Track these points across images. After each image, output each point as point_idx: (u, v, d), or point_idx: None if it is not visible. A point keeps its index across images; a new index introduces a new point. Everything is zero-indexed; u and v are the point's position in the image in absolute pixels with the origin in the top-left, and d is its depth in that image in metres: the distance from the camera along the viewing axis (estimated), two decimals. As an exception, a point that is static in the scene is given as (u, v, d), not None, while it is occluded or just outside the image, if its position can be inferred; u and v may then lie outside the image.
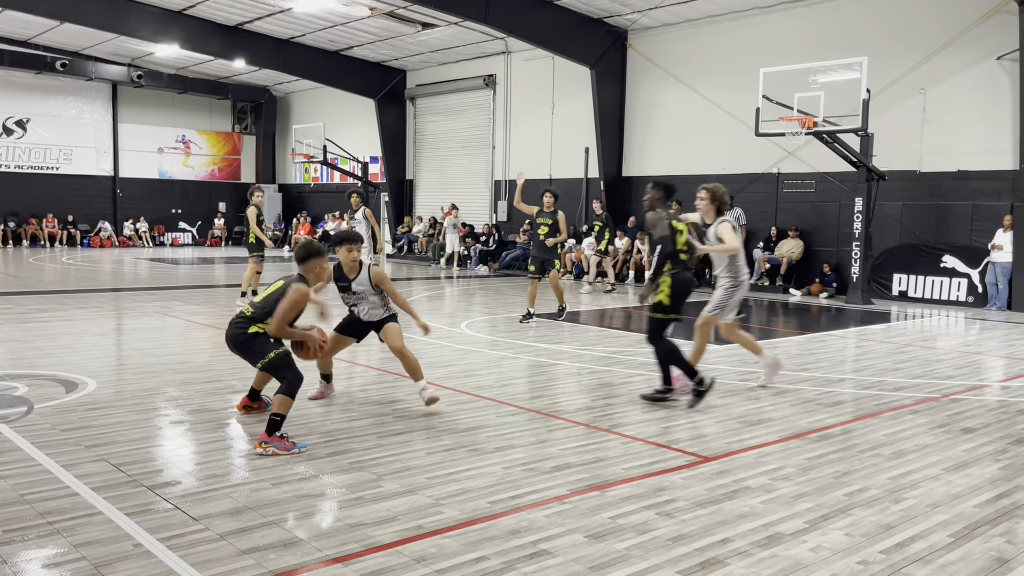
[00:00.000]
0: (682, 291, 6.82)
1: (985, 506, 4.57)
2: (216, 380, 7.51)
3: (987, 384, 8.20)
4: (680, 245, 6.83)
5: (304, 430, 5.84)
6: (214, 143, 33.11)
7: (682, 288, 6.81)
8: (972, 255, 15.12)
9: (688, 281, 6.88)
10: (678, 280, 6.77)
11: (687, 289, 6.87)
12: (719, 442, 5.79)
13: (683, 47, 19.62)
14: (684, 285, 6.82)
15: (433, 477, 4.86)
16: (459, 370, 8.30)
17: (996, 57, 14.85)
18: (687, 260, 6.89)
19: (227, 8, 21.66)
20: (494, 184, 24.47)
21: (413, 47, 24.11)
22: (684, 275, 6.82)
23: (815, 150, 16.12)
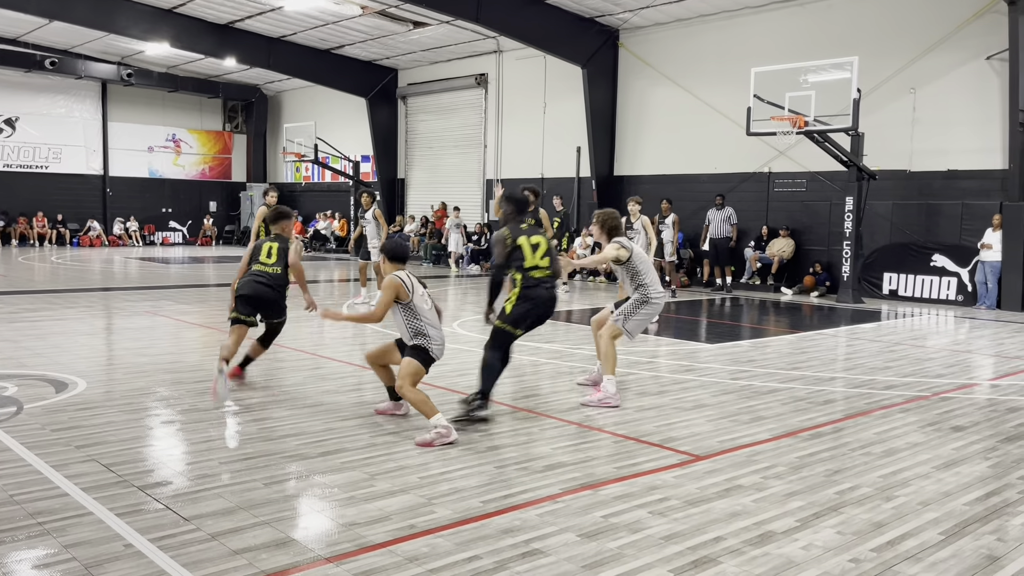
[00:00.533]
0: (529, 308, 6.15)
1: (975, 504, 4.60)
2: (207, 380, 7.47)
3: (977, 382, 8.24)
4: (534, 261, 6.17)
5: (295, 430, 5.83)
6: (204, 142, 32.99)
7: (530, 305, 6.15)
8: (962, 254, 15.20)
9: (538, 298, 6.18)
10: (526, 296, 6.14)
11: (538, 307, 6.19)
12: (711, 441, 5.80)
13: (674, 46, 19.66)
14: (532, 302, 6.15)
15: (425, 476, 4.86)
16: (451, 369, 8.28)
17: (986, 57, 14.92)
18: (543, 276, 6.21)
19: (217, 6, 21.59)
20: (486, 183, 24.46)
21: (405, 46, 24.08)
22: (536, 291, 6.17)
23: (806, 149, 16.17)
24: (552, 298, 6.32)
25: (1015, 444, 5.86)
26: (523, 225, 6.32)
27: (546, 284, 6.26)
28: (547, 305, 6.29)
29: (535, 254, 6.22)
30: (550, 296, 6.29)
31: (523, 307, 6.17)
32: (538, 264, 6.22)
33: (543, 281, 6.24)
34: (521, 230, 6.28)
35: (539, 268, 6.23)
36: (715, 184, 18.52)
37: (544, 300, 6.24)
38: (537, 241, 6.27)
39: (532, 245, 6.23)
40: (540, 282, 6.22)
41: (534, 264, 6.20)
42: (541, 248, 6.27)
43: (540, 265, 6.23)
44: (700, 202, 18.61)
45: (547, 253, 6.28)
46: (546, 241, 6.33)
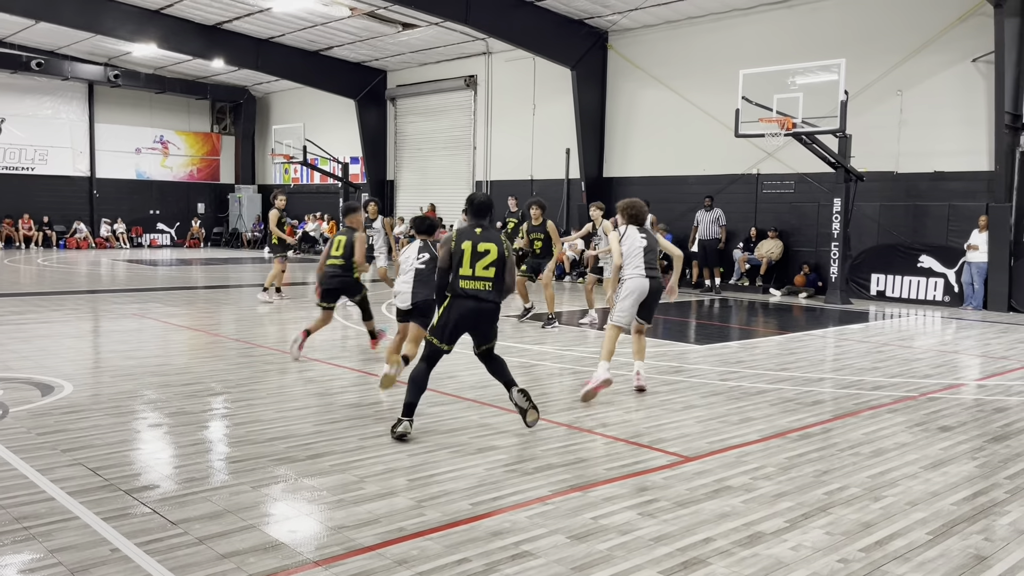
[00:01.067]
0: (454, 318, 5.76)
1: (963, 504, 4.62)
2: (195, 383, 7.44)
3: (964, 383, 8.29)
4: (467, 271, 5.73)
5: (283, 433, 5.80)
6: (192, 143, 32.84)
7: (455, 314, 5.75)
8: (948, 255, 15.29)
9: (467, 310, 5.74)
10: (450, 306, 5.78)
11: (459, 319, 5.76)
12: (700, 442, 5.80)
13: (663, 48, 19.70)
14: (457, 312, 5.75)
15: (414, 479, 4.84)
16: (441, 371, 8.24)
17: (972, 59, 15.03)
18: (473, 288, 5.73)
19: (205, 7, 21.50)
20: (476, 185, 24.44)
21: (394, 47, 24.04)
22: (463, 301, 5.74)
23: (794, 151, 16.24)
24: (475, 311, 5.73)
25: (1002, 444, 5.89)
26: (477, 230, 5.83)
27: (477, 296, 5.70)
28: (470, 318, 5.74)
29: (477, 262, 5.71)
30: (477, 308, 5.73)
31: (444, 316, 5.77)
32: (476, 274, 5.70)
33: (473, 292, 5.71)
34: (473, 234, 5.81)
35: (473, 279, 5.70)
36: (704, 186, 18.57)
37: (467, 311, 5.71)
38: (486, 248, 5.73)
39: (478, 252, 5.73)
40: (468, 293, 5.71)
41: (468, 273, 5.71)
42: (487, 257, 5.72)
43: (478, 276, 5.70)
44: (689, 203, 18.66)
45: (493, 264, 5.72)
46: (497, 251, 5.74)
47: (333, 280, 8.80)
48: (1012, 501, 4.68)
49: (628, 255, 7.39)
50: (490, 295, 5.76)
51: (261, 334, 10.57)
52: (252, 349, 9.34)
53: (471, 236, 5.80)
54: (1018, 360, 9.59)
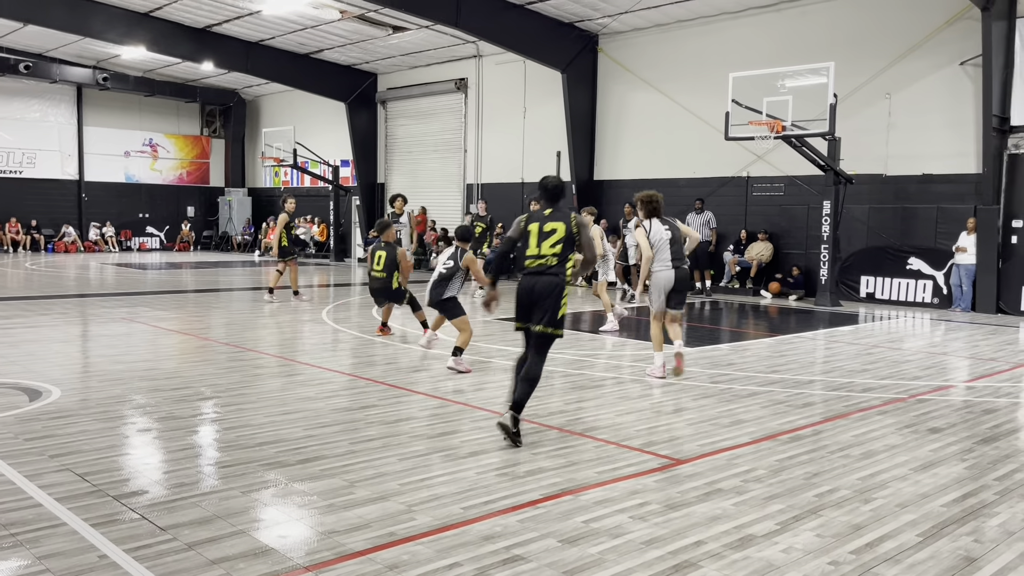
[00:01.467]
0: (520, 295, 5.90)
1: (952, 505, 4.64)
2: (185, 387, 7.40)
3: (953, 384, 8.33)
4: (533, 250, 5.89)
5: (273, 437, 5.78)
6: (182, 147, 32.73)
7: (519, 292, 5.91)
8: (937, 257, 15.37)
9: (528, 285, 5.85)
10: (519, 285, 5.96)
11: (525, 291, 5.86)
12: (692, 444, 5.81)
13: (653, 51, 19.75)
14: (521, 289, 5.90)
15: (405, 483, 4.83)
16: (432, 375, 8.25)
17: (959, 62, 15.11)
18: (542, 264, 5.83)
19: (195, 10, 21.43)
20: (466, 187, 24.44)
21: (384, 50, 24.02)
22: (525, 279, 5.90)
23: (784, 154, 16.29)
24: (534, 287, 5.79)
25: (991, 445, 5.92)
26: (546, 211, 5.98)
27: (539, 271, 5.80)
28: (530, 292, 5.80)
29: (543, 241, 5.83)
30: (532, 283, 5.80)
31: (516, 299, 5.92)
32: (541, 252, 5.82)
33: (531, 269, 5.84)
34: (542, 216, 5.96)
35: (538, 257, 5.83)
36: (694, 188, 18.61)
37: (528, 286, 5.83)
38: (552, 228, 5.85)
39: (544, 232, 5.85)
40: (531, 271, 5.85)
41: (534, 252, 5.85)
42: (554, 236, 5.83)
43: (543, 253, 5.82)
44: (680, 206, 18.66)
45: (560, 242, 5.81)
46: (565, 228, 5.83)
47: (379, 293, 10.34)
48: (1001, 502, 4.70)
49: (656, 248, 8.14)
50: (552, 269, 5.81)
51: (251, 338, 10.53)
52: (242, 353, 9.31)
53: (539, 218, 5.96)
54: (1007, 361, 9.64)
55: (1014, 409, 7.29)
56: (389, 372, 8.32)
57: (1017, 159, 14.65)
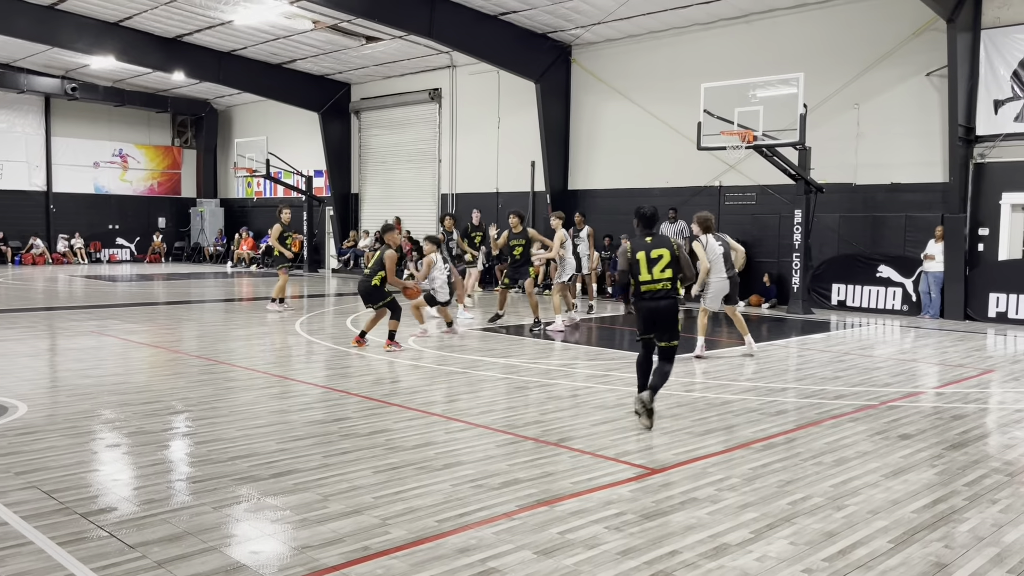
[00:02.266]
0: (642, 317, 6.82)
1: (923, 511, 4.69)
2: (155, 401, 7.30)
3: (922, 391, 8.43)
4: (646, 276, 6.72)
5: (246, 451, 5.71)
6: (153, 157, 32.39)
7: (641, 314, 6.83)
8: (906, 265, 15.58)
9: (648, 310, 6.74)
10: (637, 308, 6.98)
11: (648, 315, 6.75)
12: (666, 454, 5.83)
13: (626, 62, 19.89)
14: (642, 312, 6.82)
15: (380, 497, 4.79)
16: (406, 386, 8.22)
17: (926, 73, 15.38)
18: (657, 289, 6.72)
19: (165, 20, 21.26)
20: (441, 197, 24.42)
21: (357, 60, 23.97)
22: (644, 303, 6.78)
23: (755, 163, 16.46)
24: (656, 310, 6.67)
25: (960, 451, 5.99)
26: (648, 239, 6.75)
27: (656, 296, 6.67)
28: (653, 314, 6.68)
29: (653, 267, 6.64)
30: (657, 308, 6.67)
31: (637, 317, 6.86)
32: (654, 278, 6.64)
33: (651, 294, 6.68)
34: (645, 244, 6.72)
35: (652, 282, 6.65)
36: (668, 198, 18.73)
37: (649, 311, 6.68)
38: (659, 254, 6.65)
39: (651, 258, 6.65)
40: (646, 295, 6.69)
41: (647, 278, 6.66)
42: (661, 262, 6.64)
43: (656, 279, 6.64)
44: (653, 215, 18.79)
45: (668, 266, 6.64)
46: (670, 254, 6.66)
47: (360, 290, 10.65)
48: (971, 508, 4.76)
49: (712, 261, 9.90)
50: (669, 292, 6.72)
51: (224, 350, 10.41)
52: (214, 366, 9.20)
53: (643, 246, 6.72)
54: (974, 368, 9.79)
55: (982, 415, 7.40)
56: (363, 384, 8.27)
57: (983, 168, 14.92)
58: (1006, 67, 14.46)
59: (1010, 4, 14.41)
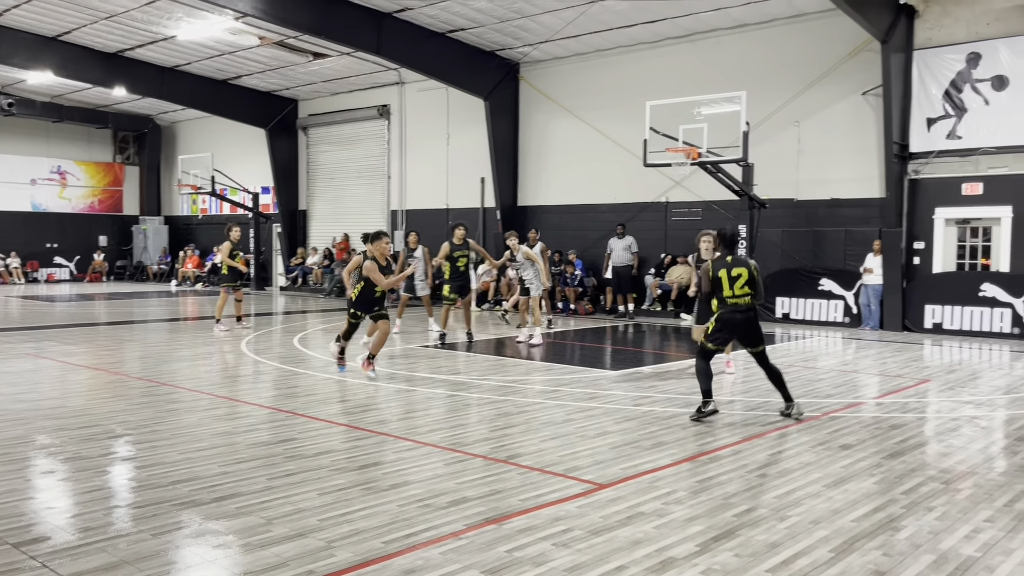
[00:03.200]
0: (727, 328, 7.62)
1: (863, 520, 4.79)
2: (93, 425, 7.10)
3: (863, 401, 8.63)
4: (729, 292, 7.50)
5: (187, 475, 5.58)
6: (93, 174, 31.64)
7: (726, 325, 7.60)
8: (846, 278, 15.99)
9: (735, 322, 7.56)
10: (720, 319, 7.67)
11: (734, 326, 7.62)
12: (614, 468, 5.86)
13: (574, 80, 20.11)
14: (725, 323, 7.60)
15: (325, 519, 4.72)
16: (355, 405, 8.13)
17: (862, 92, 15.86)
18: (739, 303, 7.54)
19: (106, 35, 20.86)
20: (391, 213, 24.31)
21: (305, 77, 23.80)
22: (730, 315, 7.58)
23: (701, 180, 16.74)
24: (741, 321, 7.49)
25: (898, 460, 6.15)
26: (728, 259, 7.52)
27: (739, 310, 7.47)
28: (737, 326, 7.51)
29: (734, 284, 7.43)
30: (743, 319, 7.49)
31: (717, 326, 7.57)
32: (736, 293, 7.44)
33: (737, 308, 7.47)
34: (725, 263, 7.50)
35: (734, 297, 7.46)
36: (616, 214, 18.94)
37: (735, 323, 7.50)
38: (739, 273, 7.44)
39: (732, 276, 7.43)
40: (733, 309, 7.48)
41: (729, 294, 7.46)
42: (742, 279, 7.44)
43: (737, 294, 7.44)
44: (602, 231, 18.99)
45: (747, 283, 7.45)
46: (748, 273, 7.45)
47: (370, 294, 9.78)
48: (908, 515, 4.88)
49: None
50: (749, 307, 7.53)
51: (167, 371, 10.18)
52: (156, 388, 8.99)
53: (724, 265, 7.51)
54: (912, 378, 10.06)
55: (920, 424, 7.60)
56: (310, 404, 8.15)
57: (917, 184, 15.42)
58: (938, 86, 14.99)
59: (941, 25, 14.97)
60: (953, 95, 14.87)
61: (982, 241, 15.13)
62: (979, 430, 7.33)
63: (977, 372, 10.72)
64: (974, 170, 14.84)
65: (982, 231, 15.11)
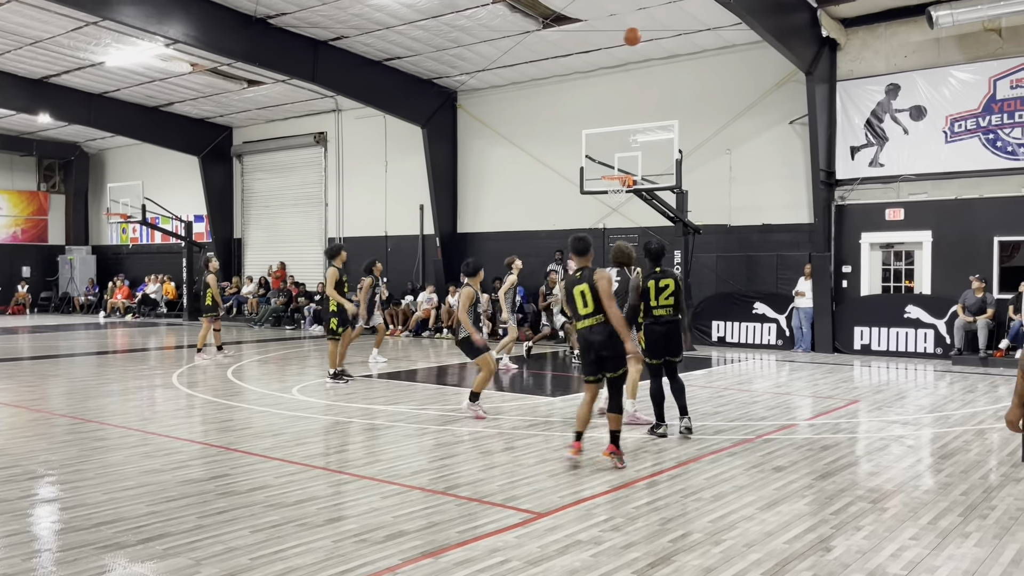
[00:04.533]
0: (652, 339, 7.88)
1: (794, 541, 4.87)
2: (12, 465, 6.80)
3: (795, 423, 8.83)
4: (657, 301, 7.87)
5: (112, 516, 5.38)
6: (16, 203, 30.58)
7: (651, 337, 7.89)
8: (779, 301, 16.40)
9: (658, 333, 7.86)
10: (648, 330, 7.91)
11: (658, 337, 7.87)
12: (552, 496, 5.85)
13: (510, 108, 20.31)
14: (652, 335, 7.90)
15: (257, 557, 4.60)
16: (289, 438, 7.96)
17: (789, 121, 16.39)
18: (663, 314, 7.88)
19: (30, 61, 20.29)
20: (327, 241, 24.06)
21: (239, 104, 23.51)
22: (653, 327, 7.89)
23: (637, 206, 17.02)
24: (663, 333, 7.75)
25: (828, 480, 6.29)
26: (657, 269, 7.91)
27: (661, 321, 7.75)
28: (659, 337, 7.72)
29: (660, 295, 7.77)
30: (664, 331, 7.74)
31: (646, 342, 7.81)
32: (660, 303, 7.76)
33: (659, 319, 7.77)
34: (655, 274, 7.86)
35: (659, 307, 7.77)
36: (554, 240, 19.09)
37: (657, 335, 7.74)
38: (665, 283, 7.79)
39: (659, 288, 7.76)
40: (656, 320, 7.77)
41: (655, 304, 7.77)
42: (667, 290, 7.78)
43: (662, 304, 7.77)
44: (541, 257, 19.12)
45: (672, 294, 7.78)
46: (674, 283, 7.84)
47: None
48: (837, 536, 4.98)
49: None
50: (671, 319, 7.79)
51: (94, 407, 9.82)
52: (81, 425, 8.67)
53: (653, 276, 7.86)
54: (841, 398, 10.33)
55: (850, 444, 7.80)
56: (244, 438, 7.96)
57: (844, 210, 15.95)
58: (860, 116, 15.59)
59: (862, 58, 15.60)
60: (875, 124, 15.48)
61: (905, 264, 15.71)
62: (906, 449, 7.56)
63: (903, 391, 11.08)
64: (896, 196, 15.43)
65: (905, 255, 15.70)
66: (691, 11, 15.27)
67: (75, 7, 15.21)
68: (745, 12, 13.12)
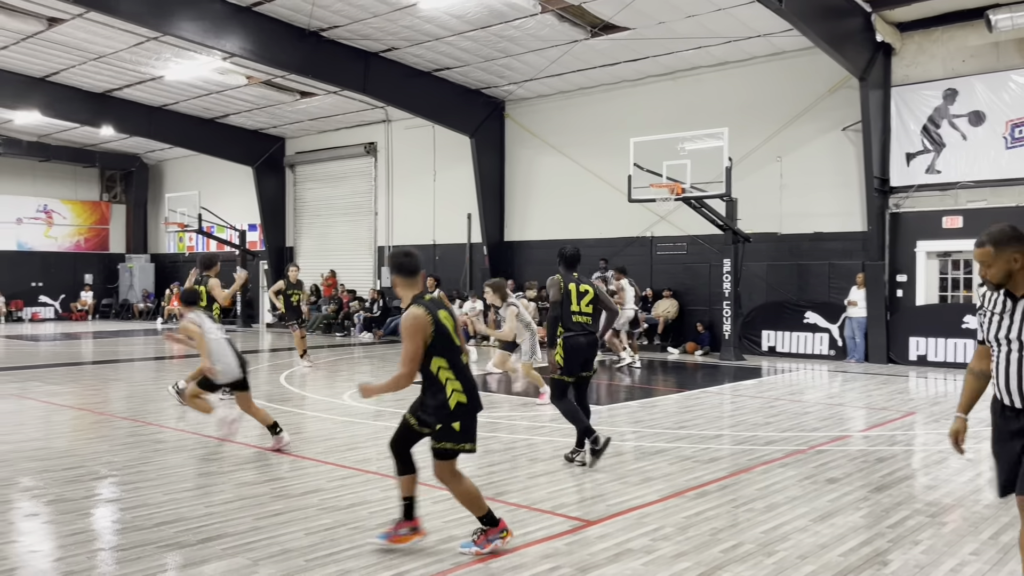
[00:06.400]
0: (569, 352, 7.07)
1: (849, 554, 4.80)
2: (78, 466, 7.04)
3: (849, 434, 8.67)
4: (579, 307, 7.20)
5: (173, 516, 5.54)
6: (80, 213, 31.60)
7: (570, 349, 7.07)
8: (831, 311, 16.12)
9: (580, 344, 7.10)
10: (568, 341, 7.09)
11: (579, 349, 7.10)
12: (602, 505, 5.86)
13: (558, 117, 20.36)
14: (572, 346, 7.06)
15: (312, 559, 4.70)
16: (341, 443, 8.09)
17: (842, 128, 16.13)
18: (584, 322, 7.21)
19: (93, 75, 20.97)
20: (377, 250, 24.37)
21: (292, 115, 23.98)
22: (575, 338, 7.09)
23: (685, 214, 16.92)
24: (586, 345, 7.06)
25: (884, 493, 6.17)
26: (574, 274, 7.23)
27: (583, 332, 7.08)
28: (582, 349, 7.04)
29: (580, 300, 7.10)
30: (586, 343, 7.07)
31: (565, 356, 7.01)
32: (581, 309, 7.09)
33: (582, 330, 7.08)
34: (572, 278, 7.17)
35: (580, 314, 7.08)
36: (601, 248, 19.05)
37: (580, 347, 7.03)
38: (585, 289, 7.16)
39: (580, 292, 7.12)
40: (579, 331, 7.07)
41: (576, 309, 7.07)
42: (588, 296, 7.14)
43: (583, 311, 7.10)
44: (586, 266, 19.06)
45: (591, 301, 7.14)
46: (593, 290, 7.19)
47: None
48: (895, 549, 4.90)
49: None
50: (592, 330, 7.18)
51: (153, 411, 10.11)
52: (142, 428, 8.93)
53: (572, 280, 7.17)
54: (897, 410, 10.12)
55: (906, 457, 7.64)
56: (297, 443, 8.11)
57: (898, 218, 15.63)
58: (916, 122, 15.28)
59: (918, 63, 15.30)
60: (931, 130, 15.15)
61: (963, 274, 15.32)
62: (965, 462, 7.37)
63: (961, 403, 10.79)
64: (954, 204, 15.07)
65: (963, 264, 15.31)
66: (741, 18, 15.14)
67: (137, 23, 15.69)
68: (798, 18, 12.97)
